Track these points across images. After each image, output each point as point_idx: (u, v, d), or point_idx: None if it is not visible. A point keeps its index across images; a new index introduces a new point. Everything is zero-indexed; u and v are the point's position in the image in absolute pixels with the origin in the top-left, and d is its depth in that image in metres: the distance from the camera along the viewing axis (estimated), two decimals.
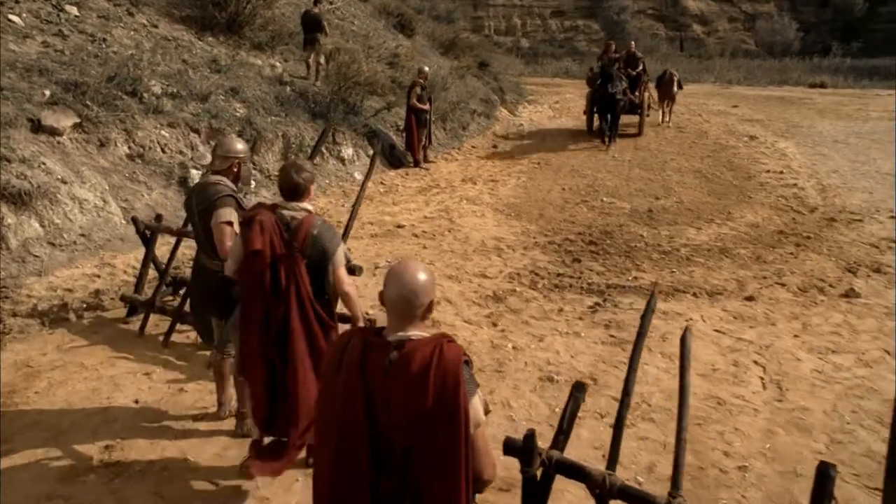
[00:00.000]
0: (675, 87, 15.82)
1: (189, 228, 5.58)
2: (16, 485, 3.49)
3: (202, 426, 4.10)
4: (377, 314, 4.14)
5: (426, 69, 11.59)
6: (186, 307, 5.22)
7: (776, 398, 4.50)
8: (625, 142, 14.06)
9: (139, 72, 8.80)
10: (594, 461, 3.56)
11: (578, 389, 2.68)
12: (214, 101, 9.44)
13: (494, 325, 5.57)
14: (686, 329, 2.75)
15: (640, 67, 15.29)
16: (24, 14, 8.98)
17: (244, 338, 3.26)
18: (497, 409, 4.30)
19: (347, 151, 10.55)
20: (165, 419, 4.18)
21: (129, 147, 8.09)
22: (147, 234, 5.74)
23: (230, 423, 4.08)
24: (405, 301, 2.00)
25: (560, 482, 2.61)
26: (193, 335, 5.28)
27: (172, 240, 6.30)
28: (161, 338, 5.25)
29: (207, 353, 5.00)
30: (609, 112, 13.57)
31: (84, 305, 5.86)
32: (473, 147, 13.80)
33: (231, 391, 4.16)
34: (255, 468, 3.28)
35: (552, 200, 9.54)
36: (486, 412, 2.05)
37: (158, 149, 8.37)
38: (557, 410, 4.30)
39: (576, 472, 2.54)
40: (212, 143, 9.01)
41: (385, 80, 11.29)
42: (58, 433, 3.99)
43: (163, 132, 8.52)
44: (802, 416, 4.29)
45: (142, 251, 7.04)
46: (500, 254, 7.34)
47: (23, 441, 3.87)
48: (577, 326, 5.58)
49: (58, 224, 6.71)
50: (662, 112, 16.55)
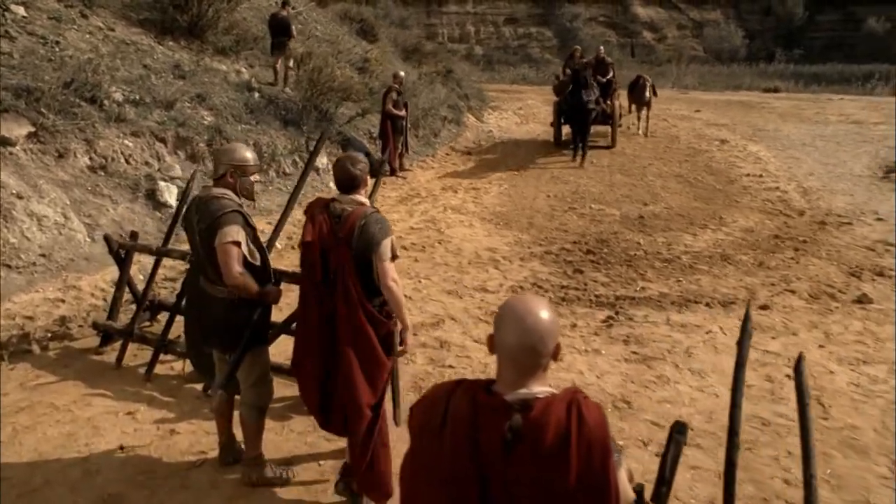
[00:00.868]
0: (649, 94, 14.88)
1: (175, 247, 5.12)
2: None
3: (203, 475, 3.59)
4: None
5: (402, 74, 11.17)
6: (176, 334, 4.72)
7: (820, 416, 4.23)
8: (599, 150, 13.80)
9: (98, 77, 8.16)
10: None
11: (680, 431, 2.29)
12: (180, 109, 8.84)
13: None
14: (800, 358, 2.40)
15: (611, 74, 14.12)
16: None
17: (299, 329, 3.34)
18: None
19: (321, 160, 10.05)
20: (158, 468, 3.65)
21: (91, 158, 7.45)
22: (121, 254, 5.17)
23: (235, 471, 3.59)
24: (530, 350, 1.59)
25: None
26: (179, 366, 4.74)
27: (144, 258, 5.78)
28: (142, 370, 4.71)
29: (198, 387, 4.50)
30: (581, 123, 12.23)
31: (49, 335, 5.26)
32: (447, 154, 13.43)
33: (234, 433, 3.68)
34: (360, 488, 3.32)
35: (539, 208, 9.23)
36: (632, 483, 1.66)
37: (122, 160, 7.74)
38: None
39: None
40: (179, 154, 8.44)
41: (360, 86, 10.81)
42: (29, 492, 3.43)
43: (126, 142, 7.90)
44: (854, 436, 4.02)
45: (110, 271, 6.47)
46: (497, 266, 6.96)
47: None
48: (595, 343, 5.24)
49: (14, 244, 6.06)
50: (640, 120, 15.59)
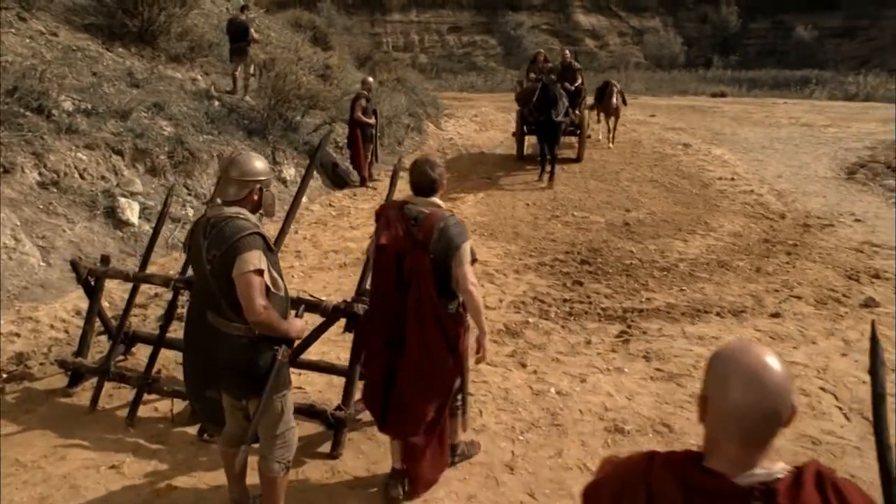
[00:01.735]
0: (617, 101, 13.86)
1: (155, 272, 4.57)
2: None
3: None
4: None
5: (370, 80, 10.70)
6: (156, 369, 4.19)
7: (870, 433, 3.99)
8: (566, 161, 13.47)
9: (44, 85, 7.47)
10: None
11: None
12: (137, 119, 8.20)
13: (524, 366, 4.81)
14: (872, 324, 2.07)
15: (580, 81, 12.80)
16: None
17: (369, 333, 3.30)
18: (577, 476, 3.54)
19: (289, 172, 9.52)
20: None
21: (41, 173, 6.77)
22: (91, 282, 4.58)
23: None
24: (771, 416, 1.23)
25: None
26: (164, 406, 4.20)
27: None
28: (122, 413, 4.16)
29: (191, 431, 3.97)
30: (549, 141, 10.90)
31: (4, 375, 4.63)
32: None
33: (247, 487, 3.19)
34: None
35: (521, 217, 8.92)
36: None
37: (76, 174, 7.08)
38: None
39: None
40: (138, 167, 7.80)
41: (327, 94, 10.31)
42: None
43: (80, 155, 7.23)
44: None
45: (70, 299, 5.84)
46: (492, 279, 6.60)
47: None
48: (615, 361, 4.93)
49: None
50: (608, 130, 14.57)
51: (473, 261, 3.13)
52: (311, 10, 34.36)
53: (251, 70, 10.77)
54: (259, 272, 2.69)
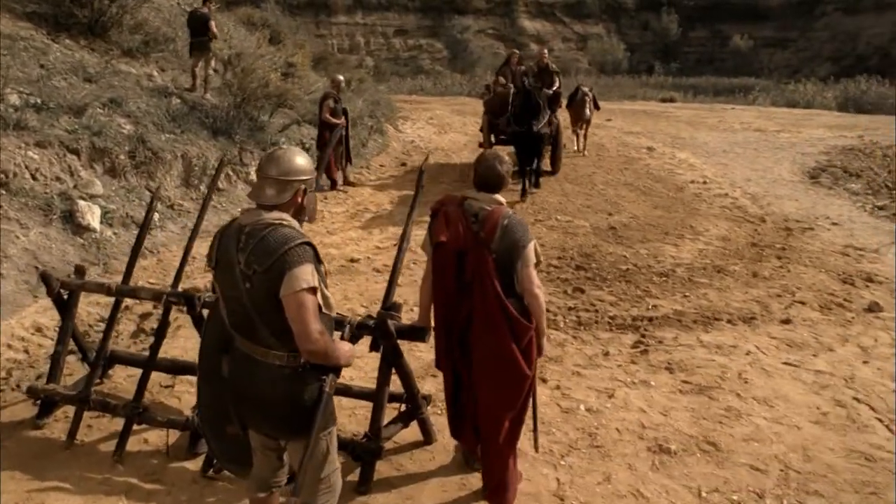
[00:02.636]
0: (590, 108, 13.23)
1: (143, 285, 4.06)
2: None
3: None
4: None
5: (340, 78, 10.18)
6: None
7: None
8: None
9: None
10: None
11: None
12: (93, 115, 7.54)
13: (544, 381, 4.48)
14: None
15: (557, 85, 11.19)
16: None
17: (436, 337, 3.16)
18: None
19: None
20: None
21: None
22: (63, 296, 4.03)
23: None
24: None
25: None
26: (155, 437, 3.71)
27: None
28: (106, 447, 3.65)
29: (191, 466, 3.49)
30: (531, 155, 9.91)
31: None
32: (382, 166, 12.58)
33: None
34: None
35: None
36: None
37: (28, 175, 6.43)
38: (705, 495, 3.33)
39: None
40: (96, 167, 7.17)
41: (296, 92, 9.79)
42: None
43: (31, 153, 6.58)
44: None
45: (28, 314, 5.25)
46: None
47: None
48: (639, 373, 4.66)
49: None
50: (578, 137, 13.89)
51: (537, 263, 2.96)
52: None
53: (212, 66, 10.14)
54: (313, 290, 2.28)
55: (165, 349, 4.46)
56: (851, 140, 15.87)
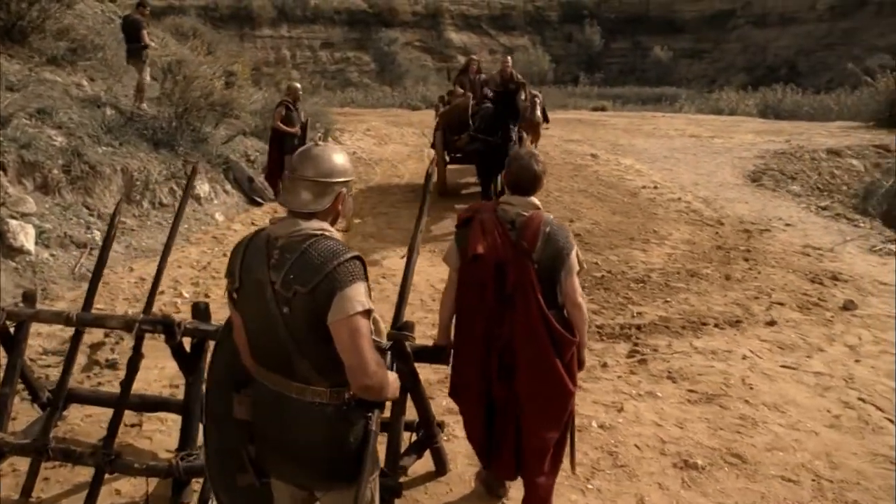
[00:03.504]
0: (539, 117, 11.83)
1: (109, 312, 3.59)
2: None
3: None
4: None
5: (297, 86, 9.71)
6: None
7: None
8: None
9: None
10: None
11: None
12: (19, 127, 6.86)
13: None
14: None
15: (524, 97, 9.18)
16: None
17: (461, 360, 2.90)
18: None
19: (203, 188, 8.41)
20: None
21: None
22: (9, 329, 3.51)
23: None
24: None
25: None
26: (129, 488, 3.24)
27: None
28: (67, 501, 3.15)
29: None
30: (499, 169, 7.98)
31: None
32: None
33: None
34: None
35: None
36: None
37: None
38: None
39: None
40: (26, 183, 6.52)
41: (242, 101, 9.26)
42: None
43: None
44: None
45: None
46: None
47: None
48: (642, 384, 4.48)
49: None
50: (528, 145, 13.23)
51: (580, 270, 2.80)
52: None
53: (147, 75, 9.47)
54: (368, 314, 1.94)
55: (111, 380, 4.02)
56: (781, 144, 16.44)
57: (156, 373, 4.51)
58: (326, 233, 2.01)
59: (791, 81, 33.42)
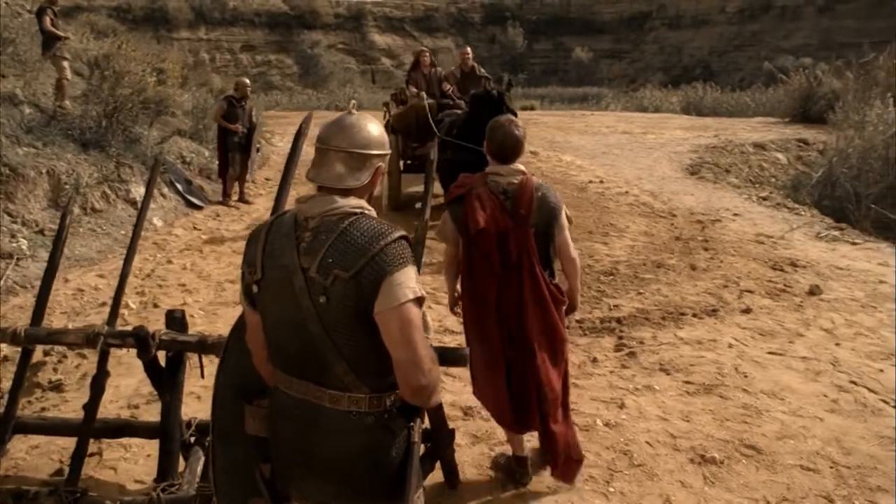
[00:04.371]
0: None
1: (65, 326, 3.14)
2: None
3: None
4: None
5: (246, 82, 9.12)
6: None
7: None
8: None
9: None
10: None
11: None
12: None
13: None
14: None
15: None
16: None
17: (479, 328, 2.93)
18: None
19: (139, 192, 7.80)
20: None
21: None
22: None
23: None
24: None
25: None
26: None
27: None
28: None
29: None
30: None
31: None
32: (267, 179, 11.58)
33: None
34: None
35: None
36: None
37: None
38: None
39: None
40: None
41: (179, 98, 8.65)
42: None
43: None
44: None
45: None
46: (439, 301, 5.72)
47: None
48: (636, 378, 4.33)
49: None
50: None
51: (570, 223, 2.97)
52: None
53: (67, 72, 8.72)
54: (420, 302, 1.67)
55: (73, 405, 3.59)
56: (710, 139, 16.91)
57: (110, 392, 4.02)
58: (366, 211, 1.74)
59: (705, 80, 34.70)
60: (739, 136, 16.98)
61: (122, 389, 4.12)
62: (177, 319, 2.93)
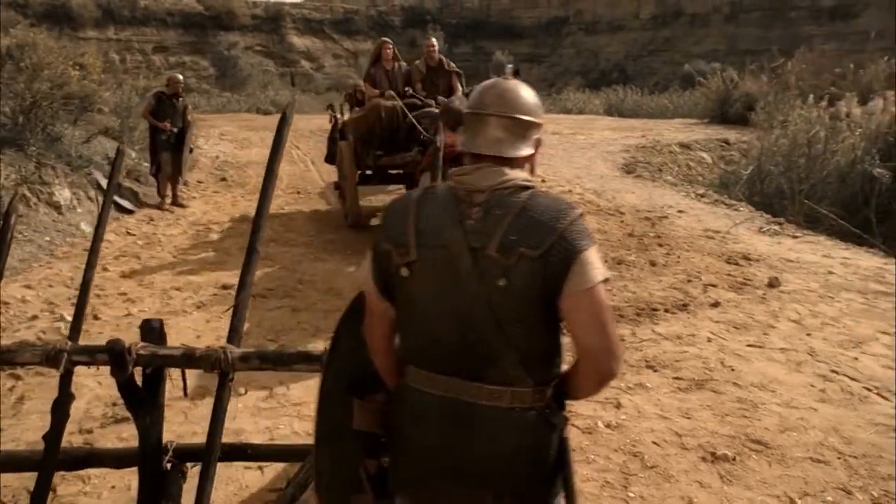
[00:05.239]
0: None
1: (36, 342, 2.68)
2: None
3: None
4: None
5: (180, 77, 8.57)
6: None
7: None
8: None
9: None
10: None
11: None
12: None
13: None
14: None
15: (460, 91, 7.94)
16: None
17: None
18: None
19: (63, 194, 7.14)
20: None
21: None
22: None
23: None
24: None
25: None
26: None
27: None
28: None
29: None
30: None
31: None
32: (200, 182, 10.95)
33: None
34: None
35: (366, 243, 7.79)
36: None
37: None
38: (800, 502, 2.92)
39: None
40: None
41: (107, 93, 8.00)
42: None
43: None
44: None
45: None
46: None
47: None
48: (626, 376, 4.20)
49: None
50: None
51: None
52: None
53: None
54: (606, 283, 1.50)
55: (8, 434, 3.17)
56: (639, 139, 17.32)
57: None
58: (532, 187, 1.54)
59: (623, 83, 35.73)
60: (665, 137, 17.46)
61: (71, 413, 3.65)
62: (155, 330, 2.56)
